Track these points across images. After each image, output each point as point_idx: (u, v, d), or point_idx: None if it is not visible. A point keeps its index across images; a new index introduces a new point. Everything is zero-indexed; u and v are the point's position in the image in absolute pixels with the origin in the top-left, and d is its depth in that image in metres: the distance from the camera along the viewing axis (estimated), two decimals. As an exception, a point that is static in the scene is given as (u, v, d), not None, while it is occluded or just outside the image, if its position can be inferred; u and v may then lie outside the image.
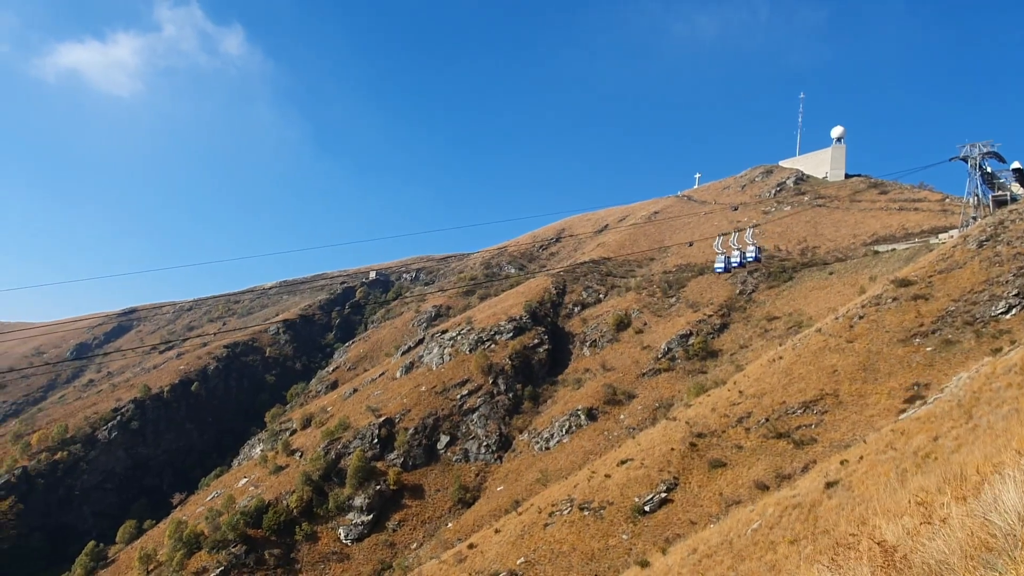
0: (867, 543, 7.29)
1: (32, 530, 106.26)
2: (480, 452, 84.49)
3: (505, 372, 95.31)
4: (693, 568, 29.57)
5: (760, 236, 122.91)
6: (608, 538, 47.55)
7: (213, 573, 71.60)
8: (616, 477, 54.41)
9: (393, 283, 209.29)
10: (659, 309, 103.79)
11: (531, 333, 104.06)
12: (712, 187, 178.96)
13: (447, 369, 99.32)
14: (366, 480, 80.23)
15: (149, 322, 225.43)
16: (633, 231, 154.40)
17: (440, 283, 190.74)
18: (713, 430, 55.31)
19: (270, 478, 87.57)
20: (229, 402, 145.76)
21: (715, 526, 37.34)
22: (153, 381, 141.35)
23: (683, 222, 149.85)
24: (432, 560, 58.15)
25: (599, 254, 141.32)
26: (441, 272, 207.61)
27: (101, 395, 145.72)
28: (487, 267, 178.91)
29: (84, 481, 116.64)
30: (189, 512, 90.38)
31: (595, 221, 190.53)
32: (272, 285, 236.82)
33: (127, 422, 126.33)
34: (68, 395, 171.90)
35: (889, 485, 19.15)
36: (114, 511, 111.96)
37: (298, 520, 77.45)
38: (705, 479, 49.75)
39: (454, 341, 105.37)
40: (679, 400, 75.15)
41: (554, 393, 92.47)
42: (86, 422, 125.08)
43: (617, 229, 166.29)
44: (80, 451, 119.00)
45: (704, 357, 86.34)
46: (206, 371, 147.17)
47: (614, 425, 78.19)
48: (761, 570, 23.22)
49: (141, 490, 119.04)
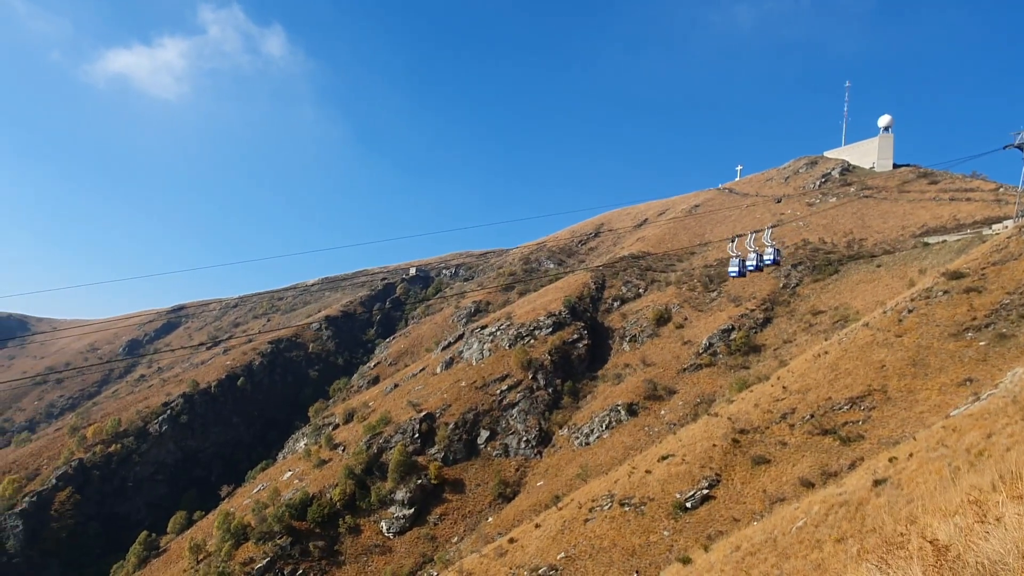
0: (918, 542, 7.09)
1: (88, 519, 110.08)
2: (520, 447, 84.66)
3: (544, 367, 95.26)
4: (736, 566, 29.16)
5: (804, 229, 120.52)
6: (649, 534, 47.22)
7: (260, 564, 73.20)
8: (657, 473, 53.97)
9: (433, 279, 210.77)
10: (700, 304, 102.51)
11: (570, 328, 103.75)
12: (754, 179, 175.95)
13: (487, 364, 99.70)
14: (407, 474, 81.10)
15: (197, 319, 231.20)
16: (673, 225, 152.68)
17: (479, 279, 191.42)
18: (756, 426, 54.45)
19: (314, 471, 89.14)
20: (274, 397, 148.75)
21: (759, 523, 36.76)
22: (201, 376, 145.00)
23: (724, 215, 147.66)
24: (473, 554, 58.48)
25: (638, 248, 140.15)
26: (480, 268, 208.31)
27: (152, 390, 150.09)
28: (526, 263, 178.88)
29: (137, 473, 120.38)
30: (236, 504, 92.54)
31: (634, 215, 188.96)
32: (314, 282, 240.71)
33: (177, 416, 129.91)
34: (121, 390, 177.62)
35: (940, 483, 18.60)
36: (165, 502, 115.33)
37: (341, 513, 78.70)
38: (748, 476, 49.01)
39: (494, 336, 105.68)
40: (721, 396, 74.16)
41: (594, 388, 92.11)
42: (138, 416, 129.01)
43: (656, 223, 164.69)
44: (133, 444, 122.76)
45: (746, 352, 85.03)
46: (251, 366, 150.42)
47: (654, 421, 77.56)
48: (806, 569, 22.79)
49: (191, 482, 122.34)
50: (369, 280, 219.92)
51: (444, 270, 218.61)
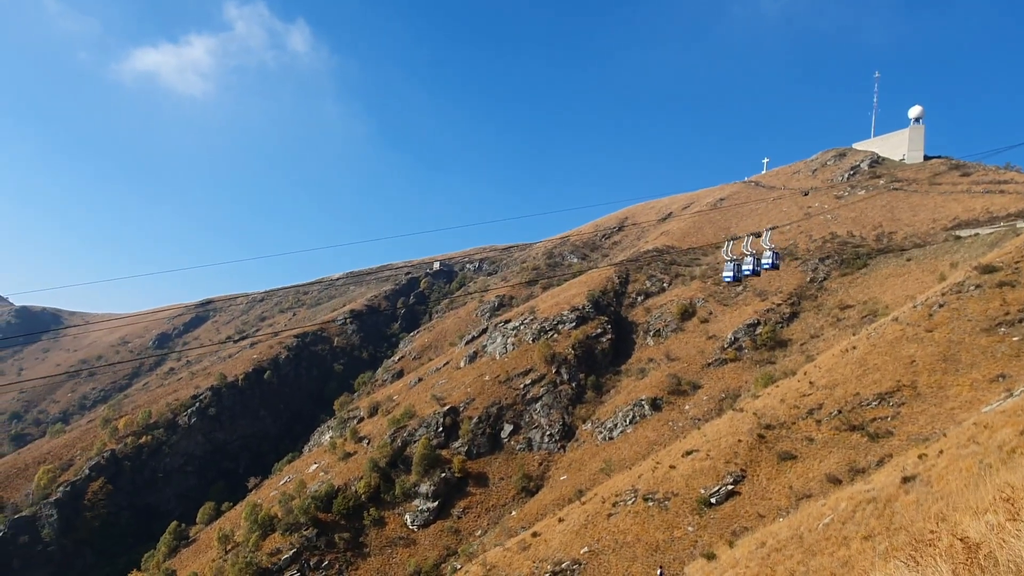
0: (948, 540, 6.96)
1: (121, 509, 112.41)
2: (543, 441, 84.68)
3: (568, 362, 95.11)
4: (761, 562, 28.90)
5: (832, 222, 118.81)
6: (673, 529, 47.00)
7: (287, 555, 74.16)
8: (681, 468, 53.66)
9: (457, 273, 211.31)
10: (725, 298, 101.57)
11: (594, 323, 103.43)
12: (781, 172, 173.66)
13: (510, 359, 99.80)
14: (431, 467, 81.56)
15: (224, 312, 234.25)
16: (698, 219, 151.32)
17: (503, 273, 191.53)
18: (782, 422, 53.88)
19: (339, 464, 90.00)
20: (299, 390, 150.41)
21: (784, 520, 36.40)
22: (229, 369, 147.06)
23: (750, 208, 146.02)
24: (496, 547, 58.66)
25: (663, 243, 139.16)
26: (504, 262, 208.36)
27: (181, 383, 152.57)
28: (550, 257, 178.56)
29: (167, 464, 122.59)
30: (263, 495, 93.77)
31: (659, 209, 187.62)
32: (339, 276, 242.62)
33: (205, 408, 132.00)
34: (151, 382, 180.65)
35: (971, 481, 18.24)
36: (194, 493, 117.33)
37: (366, 505, 79.41)
38: (774, 472, 48.54)
39: (517, 331, 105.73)
40: (746, 391, 73.49)
41: (617, 383, 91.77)
42: (168, 408, 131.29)
43: (681, 217, 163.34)
44: (163, 435, 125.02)
45: (772, 347, 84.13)
46: (278, 360, 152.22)
47: (679, 415, 77.10)
48: (833, 566, 22.53)
49: (219, 473, 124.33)
50: (393, 275, 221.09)
51: (468, 264, 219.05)
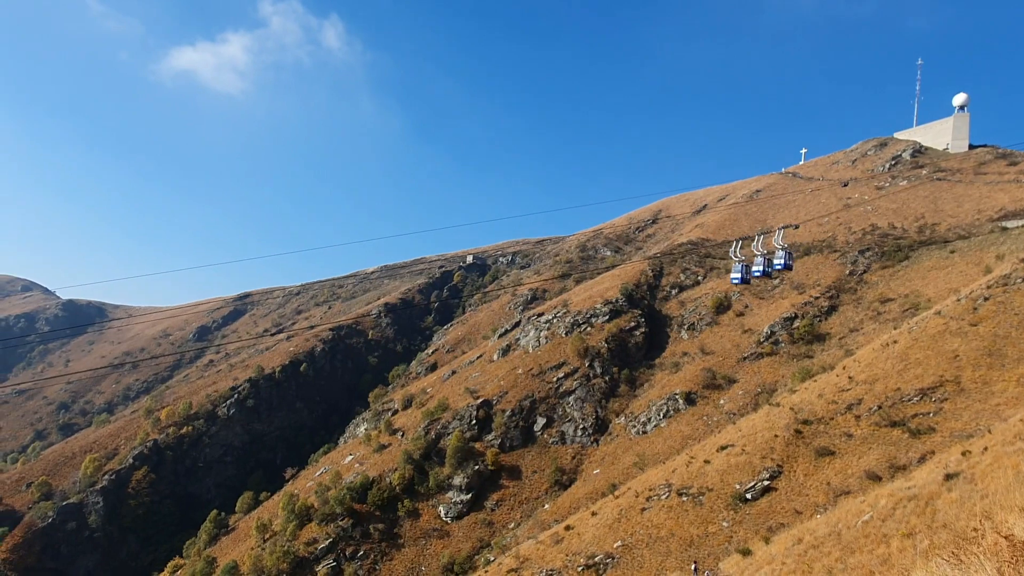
0: (993, 538, 6.77)
1: (163, 498, 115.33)
2: (576, 435, 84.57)
3: (601, 355, 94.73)
4: (798, 559, 28.49)
5: (873, 213, 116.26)
6: (707, 524, 46.59)
7: (323, 544, 75.36)
8: (716, 463, 53.15)
9: (490, 267, 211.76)
10: (761, 291, 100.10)
11: (627, 316, 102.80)
12: (820, 162, 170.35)
13: (543, 352, 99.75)
14: (465, 460, 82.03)
15: (262, 306, 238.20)
16: (734, 211, 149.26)
17: (536, 266, 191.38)
18: (820, 417, 52.99)
19: (374, 456, 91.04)
20: (335, 382, 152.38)
21: (822, 516, 35.82)
22: (266, 362, 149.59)
23: (787, 200, 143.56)
24: (529, 540, 58.83)
25: (697, 235, 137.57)
26: (537, 255, 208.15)
27: (220, 375, 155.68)
28: (583, 250, 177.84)
29: (207, 454, 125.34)
30: (300, 486, 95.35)
31: (693, 201, 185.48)
32: (374, 270, 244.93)
33: (243, 400, 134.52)
34: (191, 374, 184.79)
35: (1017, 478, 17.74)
36: (233, 483, 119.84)
37: (400, 497, 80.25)
38: (811, 468, 47.78)
39: (550, 324, 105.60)
40: (783, 385, 72.42)
41: (651, 377, 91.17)
42: (207, 399, 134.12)
43: (716, 209, 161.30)
44: (203, 426, 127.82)
45: (810, 341, 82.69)
46: (313, 353, 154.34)
47: (713, 410, 76.31)
48: (873, 563, 22.09)
49: (257, 463, 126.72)
50: (427, 268, 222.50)
51: (500, 258, 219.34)
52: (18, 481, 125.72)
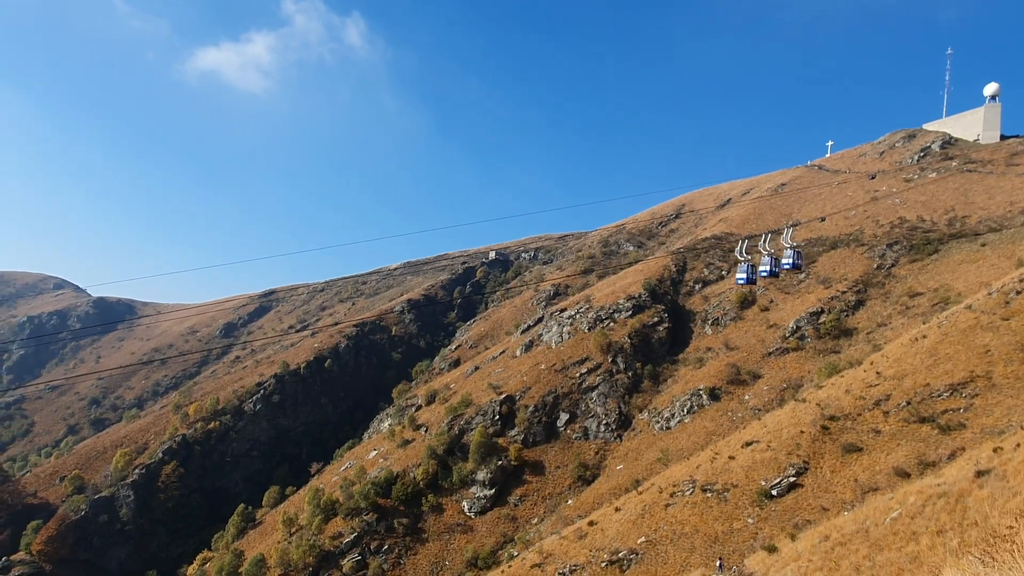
0: (1025, 536, 6.61)
1: (192, 491, 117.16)
2: (599, 430, 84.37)
3: (624, 350, 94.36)
4: (825, 556, 28.17)
5: (901, 206, 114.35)
6: (732, 521, 46.24)
7: (348, 539, 76.06)
8: (740, 459, 52.71)
9: (512, 263, 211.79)
10: (786, 286, 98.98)
11: (650, 311, 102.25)
12: (846, 155, 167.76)
13: (566, 347, 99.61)
14: (488, 455, 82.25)
15: (286, 303, 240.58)
16: (758, 204, 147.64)
17: (558, 262, 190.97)
18: (847, 413, 52.29)
19: (397, 451, 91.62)
20: (359, 378, 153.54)
21: (849, 513, 35.38)
22: (291, 358, 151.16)
23: (814, 193, 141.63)
24: (553, 536, 58.85)
25: (721, 230, 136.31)
26: (559, 251, 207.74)
27: (246, 371, 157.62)
28: (605, 245, 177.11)
29: (234, 449, 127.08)
30: (325, 481, 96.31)
31: (717, 195, 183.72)
32: (397, 266, 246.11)
33: (269, 395, 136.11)
34: (218, 370, 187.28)
35: (1052, 476, 17.37)
36: (260, 477, 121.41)
37: (424, 492, 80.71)
38: (838, 464, 47.19)
39: (573, 320, 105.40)
40: (809, 381, 71.58)
41: (674, 372, 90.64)
42: (234, 395, 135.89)
43: (740, 203, 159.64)
44: (230, 421, 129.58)
45: (837, 336, 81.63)
46: (338, 349, 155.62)
47: (738, 406, 75.67)
48: (902, 561, 21.79)
49: (283, 458, 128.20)
50: (450, 264, 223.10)
51: (523, 253, 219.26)
52: (52, 475, 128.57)
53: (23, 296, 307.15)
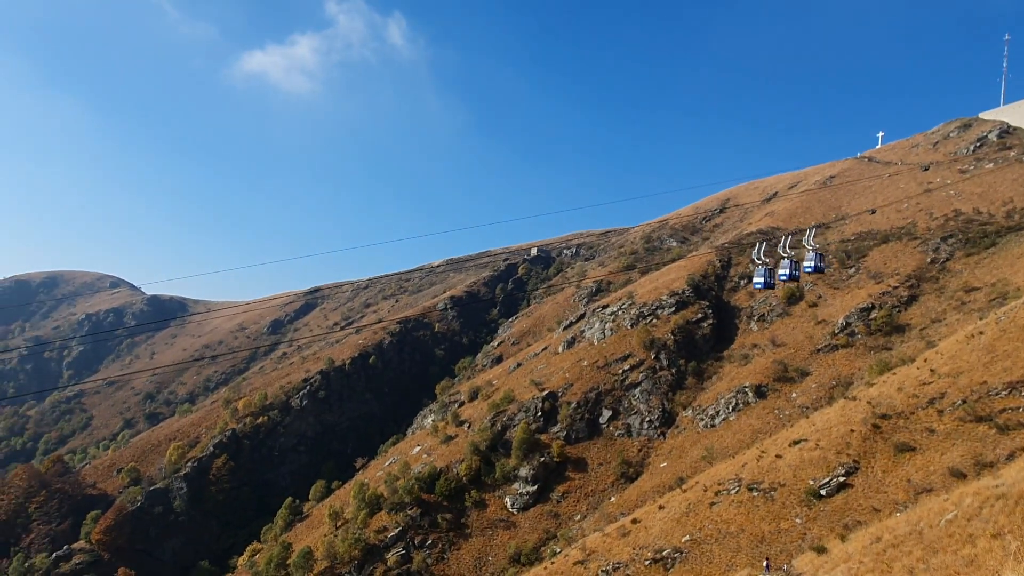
0: (1090, 540, 6.34)
1: (242, 485, 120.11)
2: (642, 427, 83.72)
3: (667, 347, 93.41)
4: (877, 558, 27.47)
5: (956, 198, 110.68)
6: (779, 521, 45.42)
7: (392, 533, 77.03)
8: (788, 458, 51.72)
9: (554, 259, 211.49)
10: (836, 281, 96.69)
11: (694, 307, 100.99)
12: (898, 146, 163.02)
13: (608, 344, 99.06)
14: (530, 452, 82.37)
15: (331, 300, 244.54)
16: (806, 198, 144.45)
17: (600, 258, 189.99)
18: (900, 411, 50.86)
19: (441, 447, 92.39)
20: (402, 374, 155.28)
21: (902, 515, 34.43)
22: (336, 354, 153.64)
23: (864, 186, 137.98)
24: (596, 533, 58.64)
25: (767, 224, 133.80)
26: (601, 247, 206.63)
27: (293, 367, 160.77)
28: (647, 241, 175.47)
29: (281, 443, 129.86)
30: (370, 475, 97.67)
31: (763, 189, 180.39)
32: (439, 263, 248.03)
33: (315, 391, 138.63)
34: (266, 366, 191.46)
35: (1120, 478, 16.63)
36: (306, 471, 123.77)
37: (467, 488, 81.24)
38: (890, 464, 45.94)
39: (615, 316, 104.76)
40: (859, 378, 69.84)
41: (719, 369, 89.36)
42: (281, 391, 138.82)
43: (787, 197, 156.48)
44: (277, 416, 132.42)
45: (888, 332, 79.40)
46: (382, 345, 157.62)
47: (785, 403, 74.26)
48: (957, 564, 21.14)
49: (328, 453, 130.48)
50: (492, 261, 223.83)
51: (565, 250, 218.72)
52: (109, 467, 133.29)
53: (82, 295, 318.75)
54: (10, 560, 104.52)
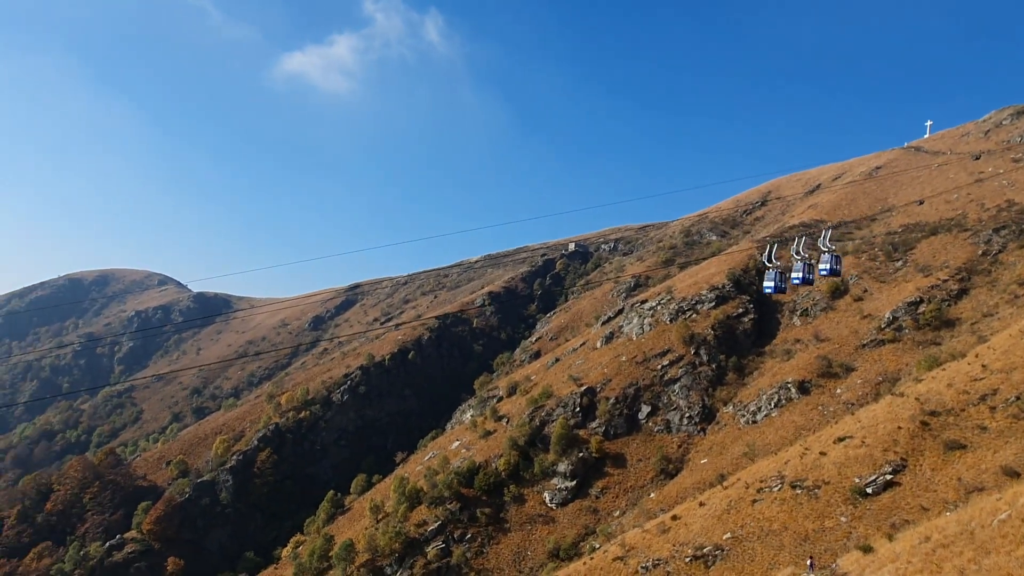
0: None
1: (285, 478, 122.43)
2: (682, 423, 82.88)
3: (707, 342, 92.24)
4: (926, 558, 26.76)
5: (1010, 188, 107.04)
6: (824, 519, 44.53)
7: (432, 526, 77.67)
8: (832, 455, 50.65)
9: (592, 254, 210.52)
10: (882, 274, 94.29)
11: (734, 302, 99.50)
12: (947, 135, 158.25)
13: (647, 339, 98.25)
14: (569, 447, 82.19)
15: (371, 296, 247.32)
16: (851, 190, 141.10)
17: (639, 253, 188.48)
18: (949, 408, 49.41)
19: (479, 442, 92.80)
20: (441, 370, 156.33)
21: (952, 514, 33.45)
22: (376, 350, 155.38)
23: (911, 176, 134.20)
24: (635, 529, 58.26)
25: (810, 216, 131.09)
26: (639, 242, 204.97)
27: (334, 362, 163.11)
28: (687, 235, 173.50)
29: (323, 438, 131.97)
30: (410, 470, 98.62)
31: (805, 181, 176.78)
32: (478, 259, 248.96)
33: (356, 386, 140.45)
34: (308, 361, 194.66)
35: None
36: (347, 465, 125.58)
37: (506, 482, 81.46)
38: (939, 462, 44.67)
39: (654, 311, 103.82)
40: (907, 374, 68.00)
41: (760, 364, 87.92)
42: (323, 386, 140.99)
43: (831, 188, 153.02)
44: (319, 411, 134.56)
45: (937, 327, 77.13)
46: (420, 341, 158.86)
47: (829, 399, 72.73)
48: (1011, 566, 20.48)
49: (369, 448, 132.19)
50: (529, 256, 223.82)
51: (603, 245, 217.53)
52: (159, 459, 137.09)
53: (131, 292, 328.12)
54: (67, 548, 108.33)
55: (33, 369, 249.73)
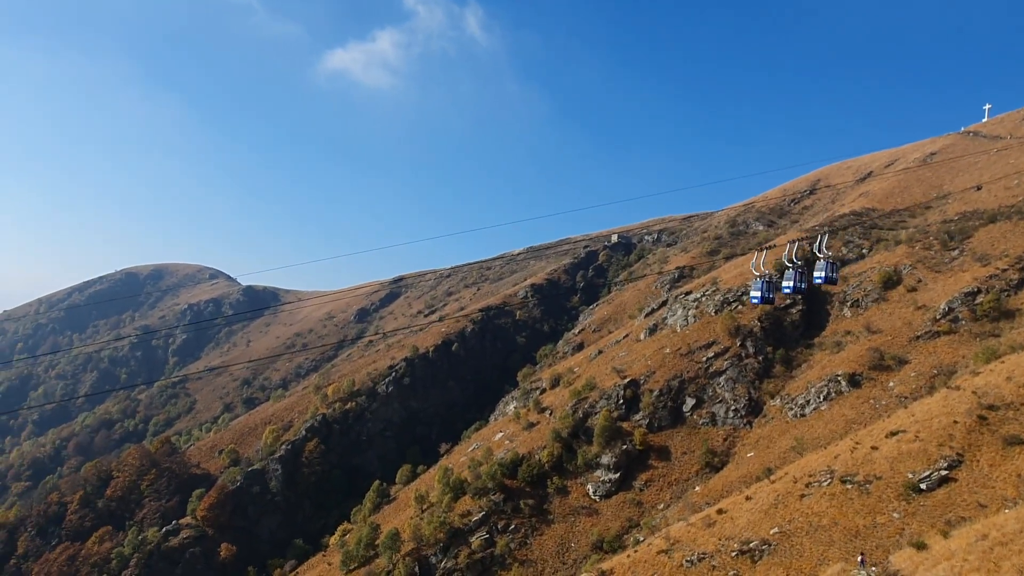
0: None
1: (332, 468, 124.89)
2: (728, 416, 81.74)
3: (754, 334, 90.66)
4: (983, 556, 25.95)
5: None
6: (875, 515, 43.46)
7: (476, 517, 78.30)
8: (884, 450, 49.36)
9: (635, 245, 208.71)
10: (937, 264, 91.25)
11: (782, 293, 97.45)
12: (1007, 119, 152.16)
13: (692, 331, 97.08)
14: (612, 439, 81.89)
15: (415, 289, 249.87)
16: (904, 177, 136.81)
17: (683, 244, 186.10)
18: (1009, 402, 47.64)
19: (523, 433, 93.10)
20: (484, 361, 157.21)
21: (1011, 511, 32.35)
22: (420, 342, 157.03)
23: (968, 162, 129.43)
24: (680, 522, 57.75)
25: (861, 205, 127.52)
26: (683, 232, 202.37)
27: (379, 354, 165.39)
28: (732, 225, 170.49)
29: (369, 428, 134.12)
30: (454, 460, 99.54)
31: (856, 169, 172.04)
32: (520, 252, 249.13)
33: (400, 378, 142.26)
34: (353, 353, 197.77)
35: None
36: (393, 456, 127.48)
37: (549, 474, 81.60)
38: (998, 457, 43.15)
39: (698, 302, 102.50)
40: (963, 367, 65.75)
41: (809, 356, 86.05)
42: (368, 377, 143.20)
43: (883, 176, 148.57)
44: (365, 402, 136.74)
45: (996, 318, 74.30)
46: (464, 333, 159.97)
47: (881, 393, 70.83)
48: (1074, 566, 19.68)
49: (414, 438, 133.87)
50: (572, 248, 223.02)
51: (646, 236, 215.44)
52: (211, 448, 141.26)
53: (184, 286, 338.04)
54: (126, 533, 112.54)
55: (93, 360, 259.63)
